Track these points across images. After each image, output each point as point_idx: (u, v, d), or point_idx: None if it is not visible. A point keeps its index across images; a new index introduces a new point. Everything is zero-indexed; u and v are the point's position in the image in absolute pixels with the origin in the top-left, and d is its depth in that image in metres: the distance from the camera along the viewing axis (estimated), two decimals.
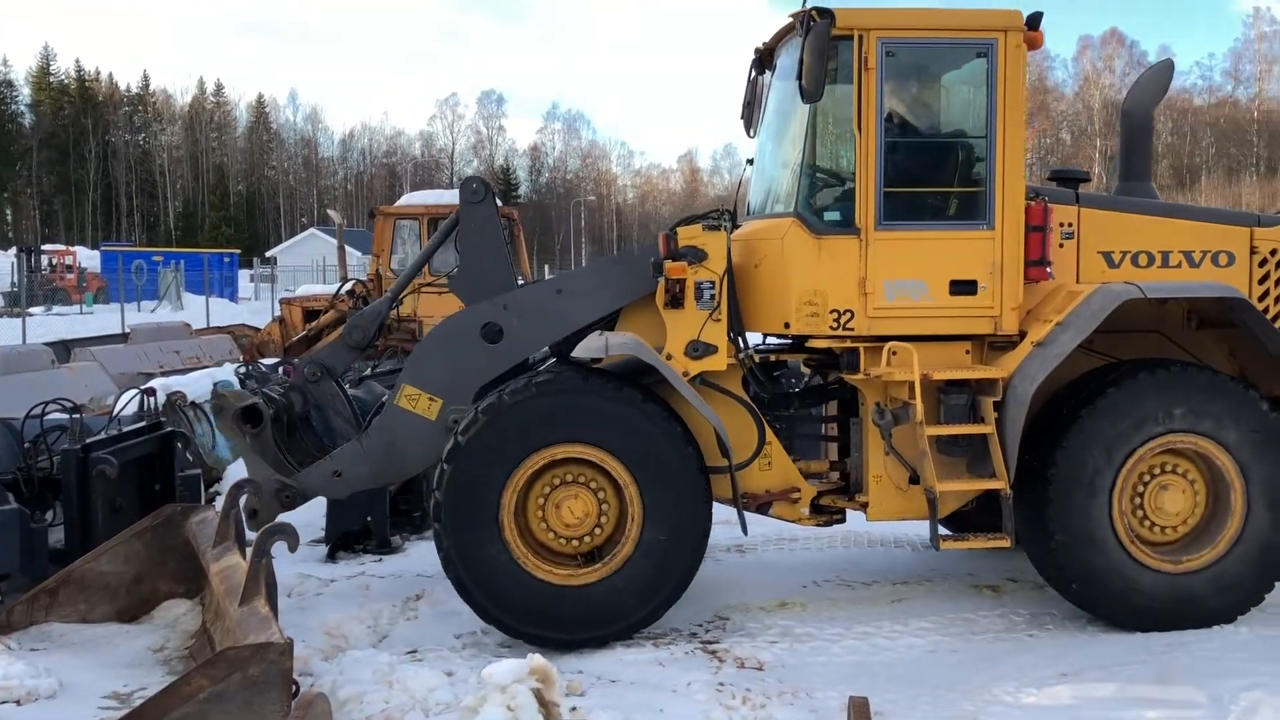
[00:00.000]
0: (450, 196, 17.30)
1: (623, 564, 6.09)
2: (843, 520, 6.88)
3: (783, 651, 6.00)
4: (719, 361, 6.41)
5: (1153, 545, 6.35)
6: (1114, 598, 6.26)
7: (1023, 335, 6.42)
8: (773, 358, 6.89)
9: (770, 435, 6.56)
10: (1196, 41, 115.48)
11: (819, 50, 6.04)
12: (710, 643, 6.17)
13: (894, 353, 6.19)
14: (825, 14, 6.12)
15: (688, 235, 6.40)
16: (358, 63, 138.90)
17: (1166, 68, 7.70)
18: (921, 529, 6.71)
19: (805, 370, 7.37)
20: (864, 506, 6.60)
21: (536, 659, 4.72)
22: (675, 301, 6.35)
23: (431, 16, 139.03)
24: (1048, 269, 6.50)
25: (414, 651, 6.02)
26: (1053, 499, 6.20)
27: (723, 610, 6.71)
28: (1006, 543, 6.22)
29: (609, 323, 6.68)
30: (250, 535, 5.97)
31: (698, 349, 6.36)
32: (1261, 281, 6.74)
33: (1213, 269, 6.71)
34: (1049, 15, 6.56)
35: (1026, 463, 6.22)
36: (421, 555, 7.88)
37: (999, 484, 6.12)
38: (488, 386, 6.37)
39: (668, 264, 6.30)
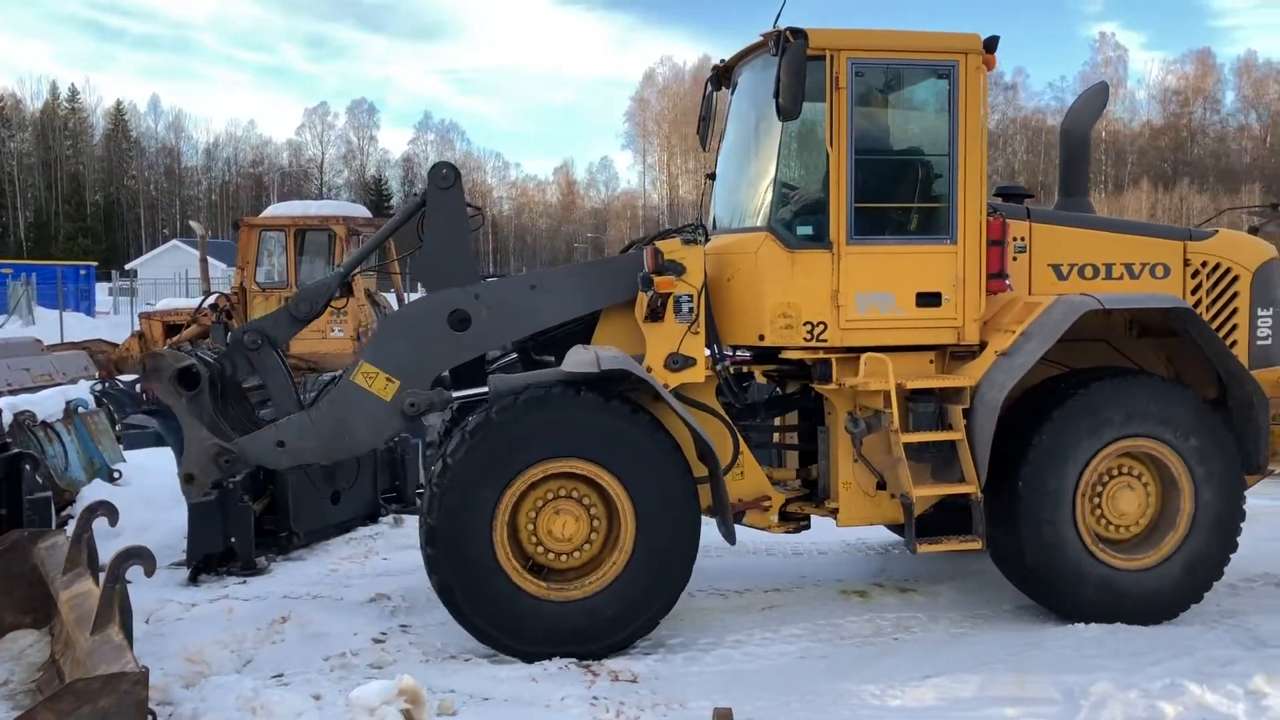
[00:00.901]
0: (319, 208, 16.96)
1: (618, 575, 6.14)
2: (808, 526, 7.03)
3: (656, 663, 6.01)
4: (698, 374, 6.51)
5: (1112, 544, 6.67)
6: (1079, 595, 6.54)
7: (983, 345, 6.68)
8: (745, 369, 6.98)
9: (743, 445, 6.68)
10: (1050, 64, 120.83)
11: (796, 70, 6.17)
12: (584, 656, 6.15)
13: (866, 363, 6.38)
14: (799, 34, 6.26)
15: (667, 249, 6.47)
16: (223, 69, 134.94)
17: (1102, 90, 8.15)
18: (819, 536, 6.94)
19: (761, 381, 7.47)
20: (833, 512, 6.77)
21: (406, 680, 4.65)
22: (655, 315, 6.43)
23: (300, 24, 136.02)
24: (1006, 281, 6.82)
25: (280, 676, 5.84)
26: (1022, 503, 6.45)
27: None
28: (978, 545, 6.41)
29: (582, 324, 6.73)
30: (105, 559, 5.72)
31: (677, 361, 6.44)
32: (1194, 292, 7.12)
33: (1151, 280, 7.08)
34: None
35: (994, 468, 6.42)
36: (288, 575, 7.68)
37: (970, 488, 6.35)
38: (460, 370, 6.47)
39: (657, 279, 6.34)
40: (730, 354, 6.86)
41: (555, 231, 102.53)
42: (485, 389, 6.51)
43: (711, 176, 7.72)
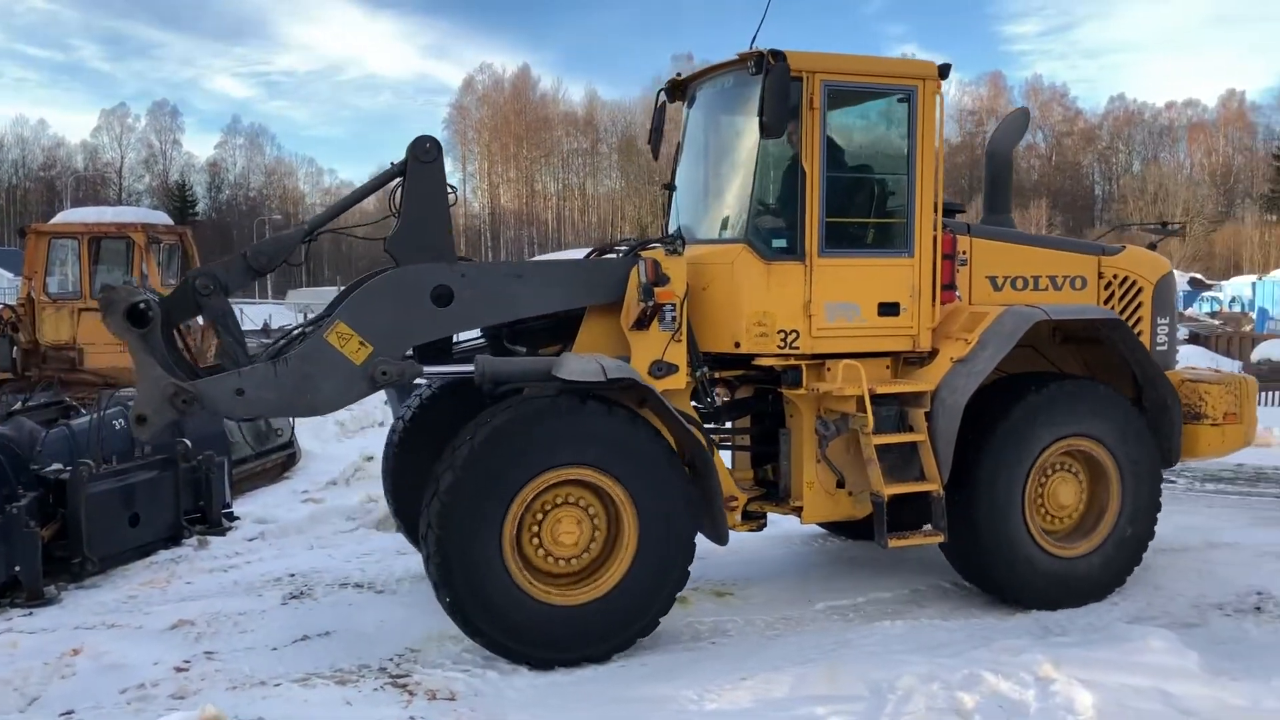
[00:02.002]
0: (116, 214, 16.05)
1: (622, 578, 6.26)
2: (765, 525, 7.30)
3: (475, 680, 5.92)
4: (679, 380, 6.64)
5: (1052, 535, 7.23)
6: (1029, 584, 7.06)
7: (933, 352, 7.09)
8: (718, 375, 7.14)
9: (714, 448, 6.77)
10: None
11: (780, 90, 6.41)
12: (400, 676, 5.99)
13: (842, 370, 6.71)
14: (779, 56, 6.48)
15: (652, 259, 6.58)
16: (8, 65, 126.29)
17: (1022, 115, 8.78)
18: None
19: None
20: (797, 510, 7.09)
21: (209, 709, 4.44)
22: (642, 323, 6.51)
23: (96, 20, 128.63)
24: (956, 293, 7.32)
25: (70, 713, 5.48)
26: (981, 500, 6.91)
27: (413, 643, 6.52)
28: (941, 537, 6.78)
29: (556, 319, 6.81)
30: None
31: (661, 368, 6.56)
32: (1106, 301, 7.80)
33: (1071, 291, 7.71)
34: (728, 56, 7.05)
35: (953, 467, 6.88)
36: (81, 604, 7.23)
37: (933, 485, 6.74)
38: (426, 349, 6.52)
39: (658, 290, 6.44)
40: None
41: (373, 239, 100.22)
42: (460, 367, 6.62)
43: (669, 187, 7.98)
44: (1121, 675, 5.52)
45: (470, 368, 6.43)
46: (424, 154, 6.47)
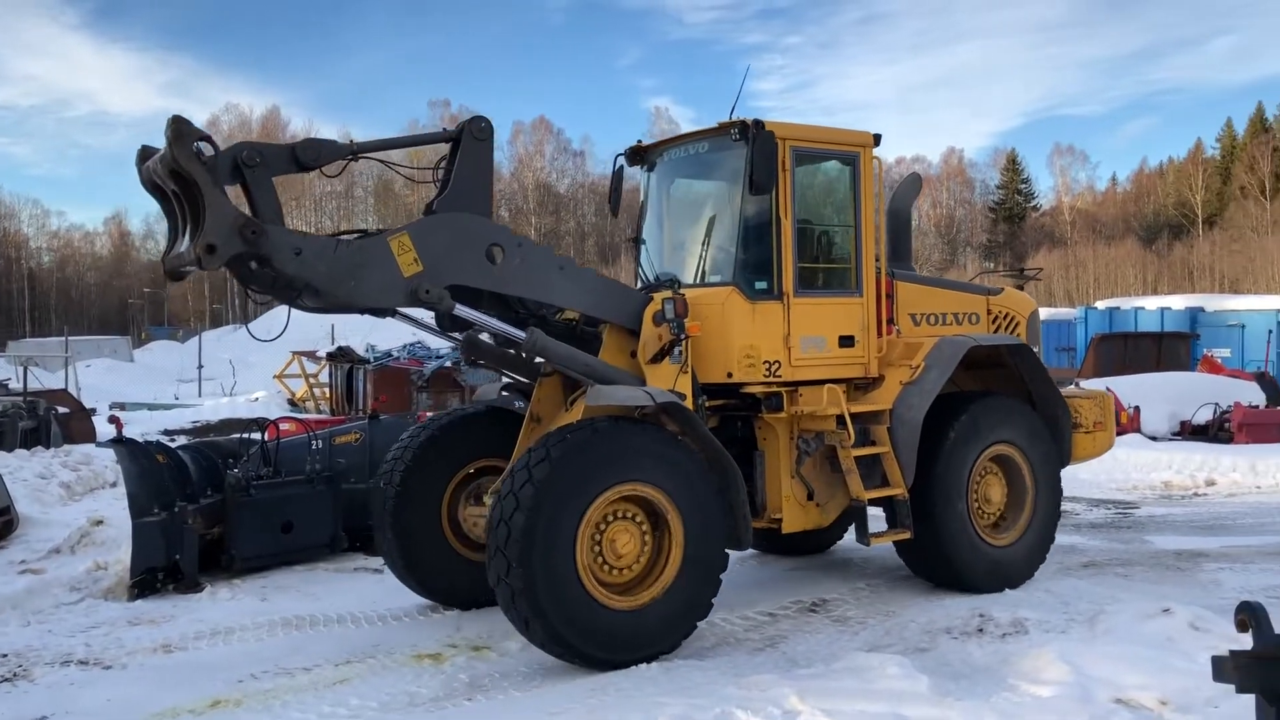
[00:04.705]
0: None
1: (670, 584, 6.87)
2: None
3: None
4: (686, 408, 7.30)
5: (985, 528, 8.53)
6: (976, 572, 8.39)
7: (880, 378, 8.34)
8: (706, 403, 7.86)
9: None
10: (615, 133, 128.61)
11: (769, 154, 7.52)
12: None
13: (826, 394, 7.75)
14: (759, 125, 7.56)
15: (661, 303, 7.37)
16: None
17: (916, 177, 10.33)
18: (396, 602, 7.76)
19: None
20: (777, 522, 7.96)
21: None
22: (659, 357, 7.36)
23: None
24: (895, 327, 8.57)
25: None
26: (937, 503, 8.15)
27: (148, 718, 6.11)
28: (909, 534, 8.00)
29: (577, 325, 7.66)
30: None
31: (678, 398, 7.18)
32: (994, 332, 9.28)
33: (969, 325, 9.21)
34: (488, 105, 8.19)
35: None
36: None
37: (899, 490, 7.98)
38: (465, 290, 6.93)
39: (689, 325, 7.33)
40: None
41: (107, 286, 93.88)
42: (499, 323, 7.18)
43: (635, 240, 8.94)
44: (861, 703, 5.75)
45: (508, 328, 7.16)
46: (479, 132, 7.04)
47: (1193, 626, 6.62)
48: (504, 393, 8.77)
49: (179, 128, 6.11)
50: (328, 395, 26.59)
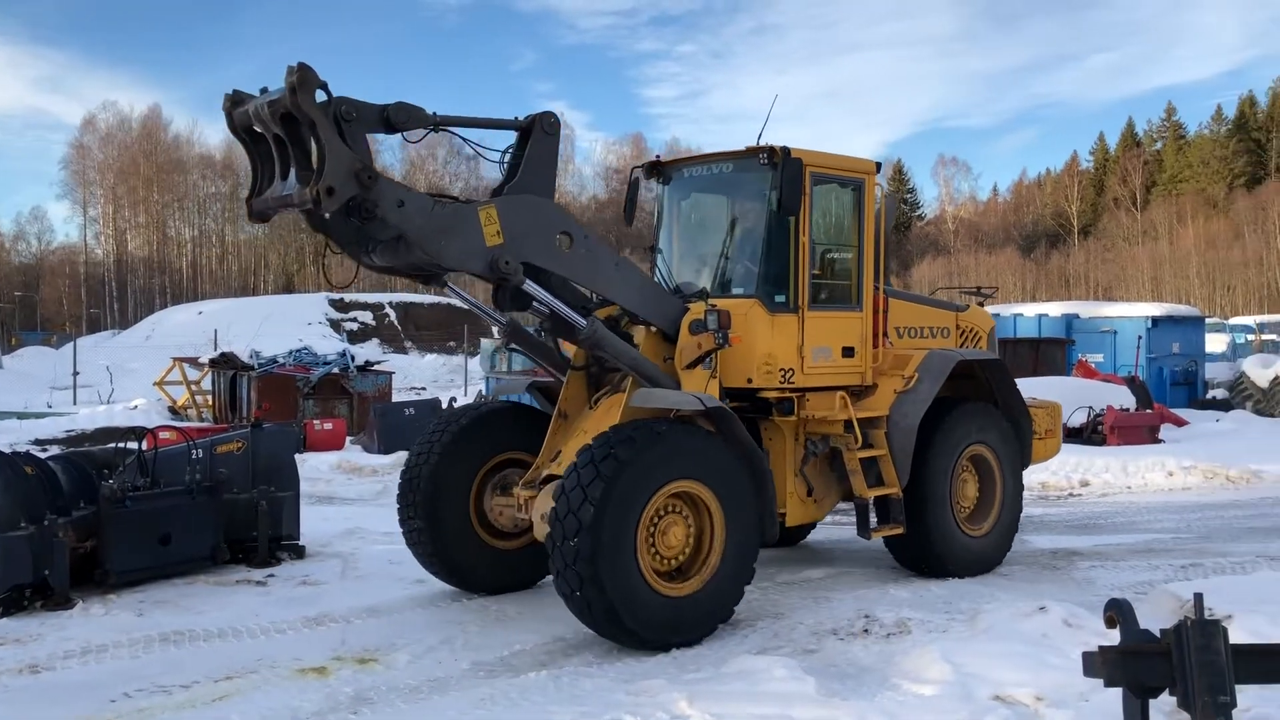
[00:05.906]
0: None
1: (713, 573, 7.45)
2: None
3: None
4: None
5: (963, 520, 9.33)
6: (957, 561, 9.22)
7: (873, 386, 9.02)
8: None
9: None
10: (507, 135, 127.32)
11: (795, 177, 8.09)
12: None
13: (837, 399, 8.52)
14: (787, 151, 8.21)
15: (696, 312, 7.94)
16: None
17: (894, 200, 10.48)
18: (279, 614, 7.66)
19: None
20: (781, 516, 8.44)
21: None
22: (695, 364, 7.89)
23: None
24: (889, 340, 9.28)
25: None
26: (928, 500, 8.94)
27: None
28: (902, 529, 8.78)
29: (617, 322, 8.13)
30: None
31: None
32: (962, 346, 10.14)
33: (942, 339, 10.05)
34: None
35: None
36: None
37: (894, 489, 8.77)
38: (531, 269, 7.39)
39: (731, 335, 7.88)
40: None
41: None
42: (564, 308, 7.69)
43: (652, 249, 9.45)
44: (749, 705, 5.84)
45: (571, 312, 7.66)
46: (549, 127, 7.47)
47: (1066, 623, 6.86)
48: (529, 390, 9.52)
49: (305, 75, 6.33)
50: (210, 403, 25.80)
